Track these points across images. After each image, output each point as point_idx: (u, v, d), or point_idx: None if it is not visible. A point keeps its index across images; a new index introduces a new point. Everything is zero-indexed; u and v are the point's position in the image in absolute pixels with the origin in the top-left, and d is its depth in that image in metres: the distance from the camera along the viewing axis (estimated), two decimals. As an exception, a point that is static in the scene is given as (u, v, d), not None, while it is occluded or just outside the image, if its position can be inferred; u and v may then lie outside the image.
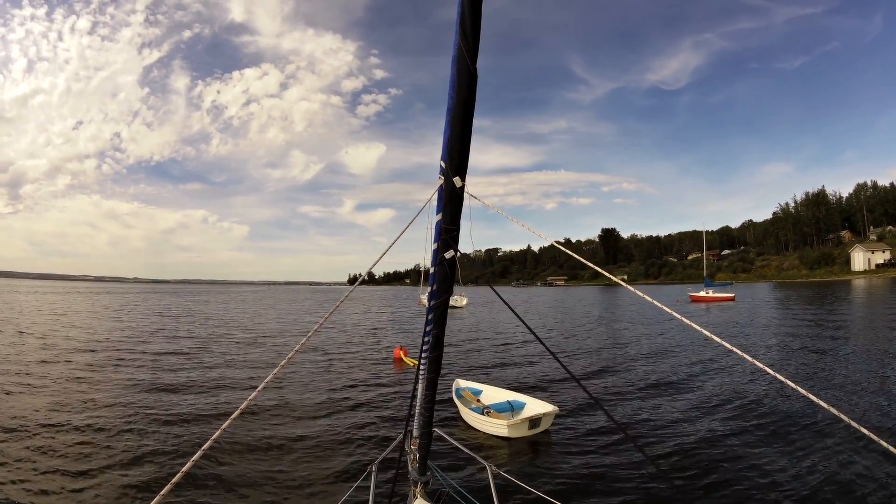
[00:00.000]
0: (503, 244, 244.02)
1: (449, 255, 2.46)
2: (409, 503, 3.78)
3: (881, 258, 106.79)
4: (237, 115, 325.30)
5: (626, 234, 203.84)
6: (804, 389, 2.01)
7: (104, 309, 45.17)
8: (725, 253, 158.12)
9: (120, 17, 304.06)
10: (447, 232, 2.39)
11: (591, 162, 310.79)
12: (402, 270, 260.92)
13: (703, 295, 54.83)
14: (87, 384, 12.50)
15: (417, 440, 3.60)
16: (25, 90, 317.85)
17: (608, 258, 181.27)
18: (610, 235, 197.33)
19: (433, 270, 2.57)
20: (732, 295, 53.15)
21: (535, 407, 9.53)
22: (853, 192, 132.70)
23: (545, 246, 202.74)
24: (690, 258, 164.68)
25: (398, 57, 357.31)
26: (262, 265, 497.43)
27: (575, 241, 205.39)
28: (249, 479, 6.90)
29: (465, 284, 47.96)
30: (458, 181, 2.19)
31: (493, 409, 9.50)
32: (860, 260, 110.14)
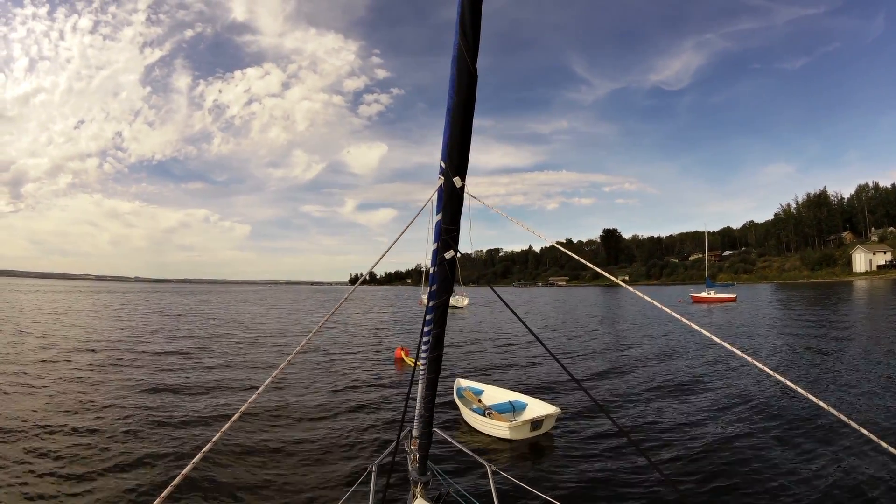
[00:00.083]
0: (504, 244, 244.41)
1: (449, 255, 2.45)
2: (409, 503, 3.78)
3: (882, 259, 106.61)
4: (239, 114, 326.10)
5: (627, 234, 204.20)
6: (809, 393, 2.00)
7: (105, 308, 45.18)
8: (727, 254, 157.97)
9: (122, 16, 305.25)
10: (447, 232, 2.39)
11: (592, 162, 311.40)
12: (403, 270, 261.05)
13: (704, 296, 54.78)
14: (86, 384, 12.49)
15: (417, 440, 3.60)
16: (27, 89, 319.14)
17: (609, 259, 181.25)
18: (611, 236, 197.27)
19: (433, 270, 2.57)
20: (734, 296, 53.05)
21: (536, 408, 9.45)
22: (855, 192, 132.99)
23: (546, 246, 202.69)
24: (692, 259, 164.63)
25: (400, 57, 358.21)
26: (263, 265, 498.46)
27: (576, 241, 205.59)
28: (249, 480, 6.90)
29: (466, 285, 48.02)
30: (458, 181, 2.18)
31: (494, 409, 9.42)
32: (861, 261, 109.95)
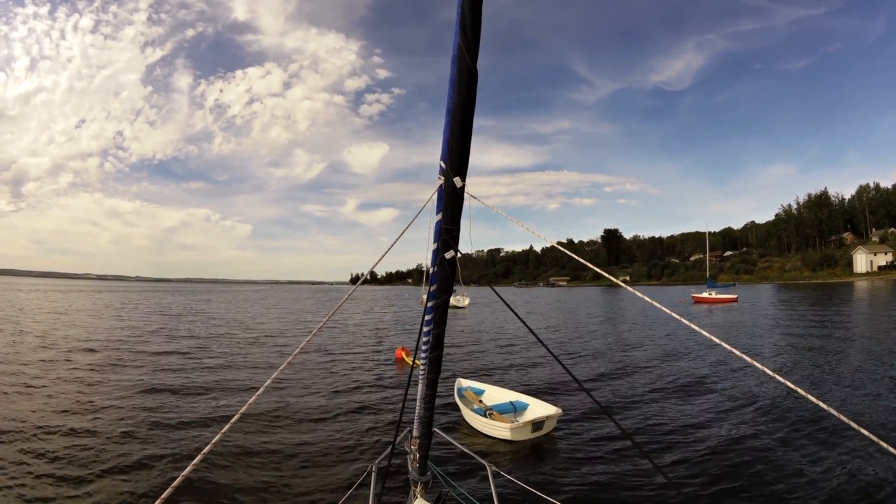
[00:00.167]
0: (506, 244, 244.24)
1: (449, 255, 2.45)
2: (409, 503, 3.78)
3: (883, 260, 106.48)
4: (240, 113, 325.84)
5: (628, 234, 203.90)
6: (811, 395, 1.99)
7: (105, 307, 45.24)
8: (728, 254, 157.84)
9: (123, 15, 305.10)
10: (447, 232, 2.39)
11: (593, 162, 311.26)
12: (404, 270, 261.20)
13: (705, 296, 54.62)
14: (85, 384, 12.43)
15: (417, 441, 3.60)
16: (28, 88, 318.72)
17: (611, 259, 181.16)
18: (612, 236, 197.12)
19: (433, 270, 2.56)
20: (735, 296, 53.00)
21: (538, 409, 9.39)
22: (856, 193, 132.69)
23: (547, 246, 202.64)
24: (692, 259, 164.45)
25: (401, 56, 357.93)
26: (264, 264, 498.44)
27: (577, 241, 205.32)
28: (249, 481, 6.90)
29: (467, 285, 48.00)
30: (458, 181, 2.18)
31: (495, 409, 9.38)
32: (862, 262, 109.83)
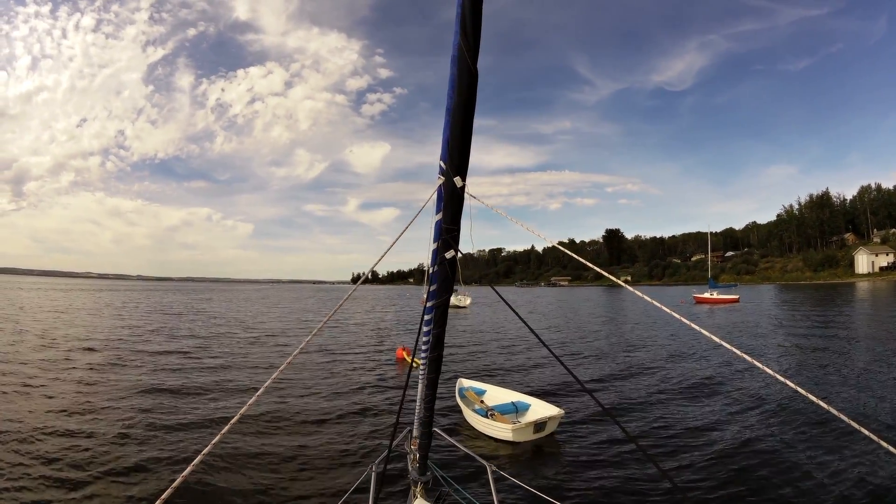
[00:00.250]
0: (507, 244, 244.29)
1: (449, 254, 2.45)
2: (409, 503, 3.78)
3: (885, 261, 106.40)
4: (241, 113, 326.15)
5: (630, 234, 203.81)
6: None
7: (106, 306, 45.26)
8: (729, 255, 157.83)
9: (124, 14, 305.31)
10: (447, 232, 2.38)
11: (595, 162, 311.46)
12: (405, 270, 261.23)
13: (707, 296, 54.53)
14: (84, 384, 12.34)
15: (417, 440, 3.60)
16: (29, 87, 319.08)
17: (612, 259, 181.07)
18: (614, 236, 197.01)
19: (433, 270, 2.56)
20: (737, 297, 52.98)
21: (540, 409, 9.30)
22: (857, 194, 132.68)
23: (549, 246, 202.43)
24: (694, 259, 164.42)
25: (403, 56, 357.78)
26: (265, 263, 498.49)
27: (579, 241, 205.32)
28: (249, 481, 6.89)
29: (468, 284, 47.97)
30: (458, 181, 2.17)
31: (496, 410, 9.31)
32: (864, 262, 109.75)
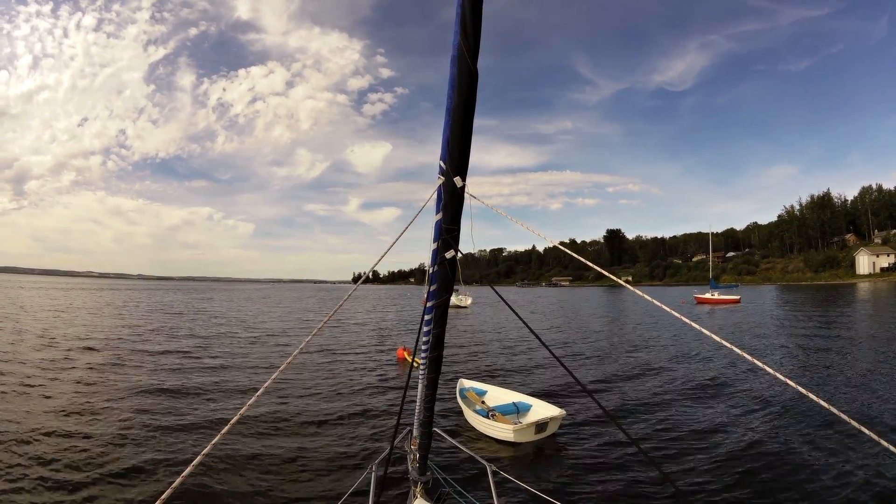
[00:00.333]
0: (508, 244, 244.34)
1: (449, 254, 2.45)
2: (409, 503, 3.79)
3: (886, 262, 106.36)
4: (243, 112, 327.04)
5: (631, 235, 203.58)
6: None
7: (106, 306, 45.28)
8: (730, 255, 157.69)
9: (126, 14, 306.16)
10: (447, 232, 2.38)
11: (596, 162, 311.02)
12: (406, 269, 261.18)
13: (708, 297, 54.44)
14: (83, 385, 12.26)
15: (417, 440, 3.61)
16: (31, 86, 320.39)
17: (613, 259, 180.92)
18: (615, 236, 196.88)
19: (433, 270, 2.56)
20: (738, 297, 52.88)
21: (541, 410, 9.27)
22: (858, 195, 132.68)
23: (550, 246, 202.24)
24: (695, 260, 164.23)
25: (404, 56, 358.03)
26: (267, 263, 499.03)
27: (580, 241, 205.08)
28: (247, 482, 6.87)
29: (469, 284, 47.94)
30: (458, 181, 2.17)
31: (497, 411, 9.28)
32: (865, 263, 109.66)
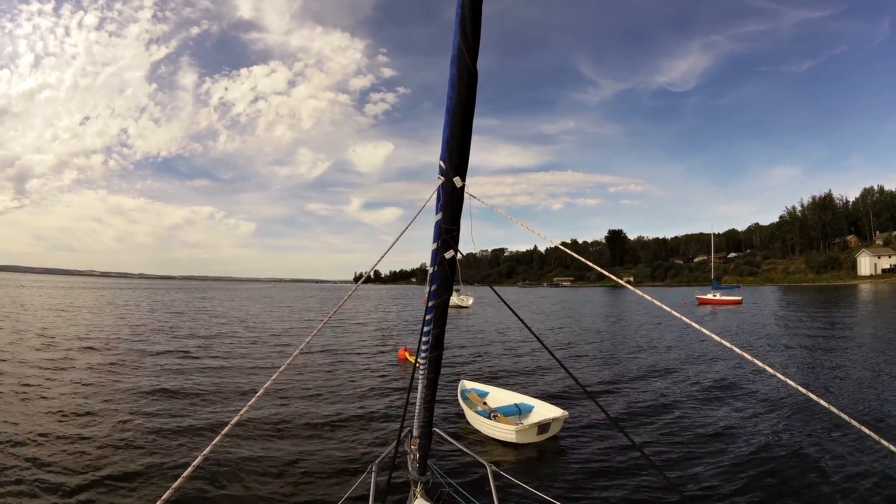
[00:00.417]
0: (509, 244, 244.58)
1: (449, 255, 2.45)
2: (409, 503, 3.79)
3: (887, 263, 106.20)
4: (245, 112, 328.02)
5: (632, 235, 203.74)
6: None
7: (108, 305, 45.33)
8: (732, 256, 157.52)
9: (128, 13, 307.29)
10: (447, 232, 2.38)
11: (598, 163, 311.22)
12: (408, 269, 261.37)
13: (710, 298, 54.39)
14: (82, 386, 12.18)
15: (417, 440, 3.61)
16: (32, 85, 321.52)
17: (615, 260, 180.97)
18: (616, 237, 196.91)
19: (433, 270, 2.57)
20: (740, 298, 52.79)
21: (543, 411, 9.23)
22: (860, 196, 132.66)
23: (552, 246, 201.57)
24: (696, 260, 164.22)
25: (406, 56, 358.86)
26: (268, 262, 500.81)
27: (581, 242, 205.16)
28: (247, 482, 6.87)
29: (471, 284, 47.98)
30: (458, 181, 2.17)
31: (499, 412, 9.26)
32: (866, 264, 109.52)
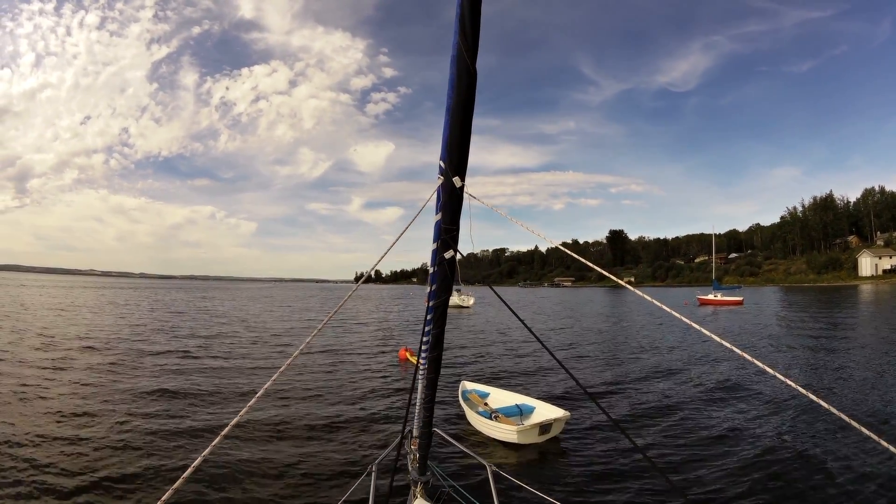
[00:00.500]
0: (511, 244, 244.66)
1: (449, 255, 2.45)
2: (409, 503, 3.79)
3: (888, 263, 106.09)
4: (246, 111, 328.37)
5: (633, 235, 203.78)
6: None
7: (108, 304, 45.33)
8: (733, 256, 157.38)
9: (129, 12, 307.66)
10: (447, 232, 2.38)
11: (599, 163, 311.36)
12: (409, 269, 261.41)
13: (711, 298, 54.33)
14: (81, 386, 12.12)
15: (417, 440, 3.61)
16: (33, 84, 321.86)
17: (615, 260, 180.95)
18: (617, 237, 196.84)
19: (433, 270, 2.57)
20: (741, 298, 52.72)
21: (544, 411, 9.20)
22: (861, 197, 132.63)
23: (552, 247, 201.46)
24: (697, 261, 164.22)
25: (407, 56, 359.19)
26: (269, 262, 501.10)
27: (582, 242, 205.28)
28: (246, 484, 6.84)
29: (470, 285, 48.05)
30: (457, 181, 2.17)
31: (500, 412, 9.22)
32: (867, 265, 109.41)
